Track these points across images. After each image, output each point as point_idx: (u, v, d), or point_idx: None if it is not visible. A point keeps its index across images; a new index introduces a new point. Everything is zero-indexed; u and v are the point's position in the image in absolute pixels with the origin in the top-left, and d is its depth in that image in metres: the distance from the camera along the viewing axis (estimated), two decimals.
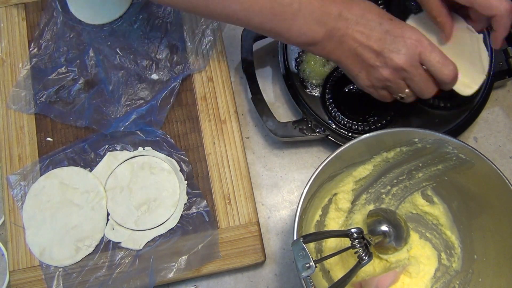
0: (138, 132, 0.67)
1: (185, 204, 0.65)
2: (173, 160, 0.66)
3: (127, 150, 0.67)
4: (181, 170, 0.66)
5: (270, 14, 0.53)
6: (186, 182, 0.65)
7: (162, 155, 0.67)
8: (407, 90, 0.56)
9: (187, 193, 0.65)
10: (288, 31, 0.54)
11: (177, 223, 0.64)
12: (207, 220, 0.64)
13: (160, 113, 0.67)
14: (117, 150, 0.67)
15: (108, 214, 0.65)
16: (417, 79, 0.54)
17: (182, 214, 0.64)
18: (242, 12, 0.54)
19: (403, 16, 0.64)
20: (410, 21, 0.60)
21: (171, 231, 0.64)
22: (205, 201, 0.65)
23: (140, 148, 0.67)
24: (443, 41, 0.57)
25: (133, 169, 0.66)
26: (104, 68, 0.69)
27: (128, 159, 0.67)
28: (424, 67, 0.54)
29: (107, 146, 0.67)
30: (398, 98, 0.57)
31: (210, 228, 0.63)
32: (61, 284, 0.62)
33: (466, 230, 0.60)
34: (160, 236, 0.64)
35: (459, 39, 0.57)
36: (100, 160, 0.67)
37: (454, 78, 0.54)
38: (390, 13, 0.57)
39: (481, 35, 0.57)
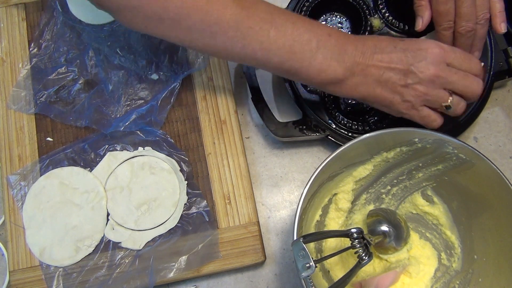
0: (138, 132, 0.67)
1: (185, 204, 0.65)
2: (173, 160, 0.66)
3: (127, 150, 0.67)
4: (181, 170, 0.66)
5: (289, 53, 0.53)
6: (186, 182, 0.65)
7: (162, 155, 0.67)
8: (450, 98, 0.55)
9: (187, 193, 0.65)
10: (307, 69, 0.54)
11: (177, 223, 0.64)
12: (207, 220, 0.64)
13: (160, 113, 0.67)
14: (117, 150, 0.67)
15: (108, 214, 0.65)
16: (455, 78, 0.54)
17: (182, 214, 0.64)
18: (260, 52, 0.53)
19: (401, 18, 0.65)
20: None
21: (171, 231, 0.64)
22: (205, 201, 0.65)
23: (140, 148, 0.67)
24: (419, 27, 0.61)
25: (133, 169, 0.66)
26: (104, 68, 0.69)
27: (128, 159, 0.67)
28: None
29: (107, 146, 0.67)
30: (445, 110, 0.56)
31: (210, 228, 0.63)
32: (61, 284, 0.62)
33: (466, 230, 0.60)
34: (160, 236, 0.64)
35: None
36: (100, 160, 0.67)
37: (480, 71, 0.56)
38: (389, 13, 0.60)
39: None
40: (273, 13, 0.54)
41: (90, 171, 0.66)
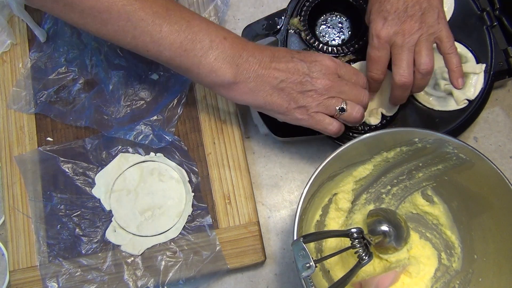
0: (151, 136, 0.66)
1: (189, 215, 0.64)
2: (183, 170, 0.66)
3: (139, 154, 0.66)
4: (190, 181, 0.65)
5: (180, 49, 0.54)
6: (193, 194, 0.65)
7: (173, 164, 0.66)
8: (343, 102, 0.57)
9: (192, 205, 0.64)
10: (197, 67, 0.55)
11: (179, 234, 0.63)
12: (210, 235, 0.63)
13: (168, 126, 0.67)
14: (129, 152, 0.67)
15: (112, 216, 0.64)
16: (345, 88, 0.58)
17: (184, 226, 0.64)
18: (152, 45, 0.54)
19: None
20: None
21: (172, 240, 0.63)
22: (209, 215, 0.64)
23: (152, 154, 0.66)
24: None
25: (143, 173, 0.66)
26: (104, 68, 0.69)
27: (138, 163, 0.66)
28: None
29: (120, 147, 0.67)
30: (340, 114, 0.57)
31: (212, 244, 0.63)
32: (61, 284, 0.62)
33: (466, 230, 0.60)
34: (160, 244, 0.63)
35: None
36: (112, 160, 0.66)
37: (366, 84, 0.61)
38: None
39: None
40: (169, 9, 0.54)
41: (101, 169, 0.66)
